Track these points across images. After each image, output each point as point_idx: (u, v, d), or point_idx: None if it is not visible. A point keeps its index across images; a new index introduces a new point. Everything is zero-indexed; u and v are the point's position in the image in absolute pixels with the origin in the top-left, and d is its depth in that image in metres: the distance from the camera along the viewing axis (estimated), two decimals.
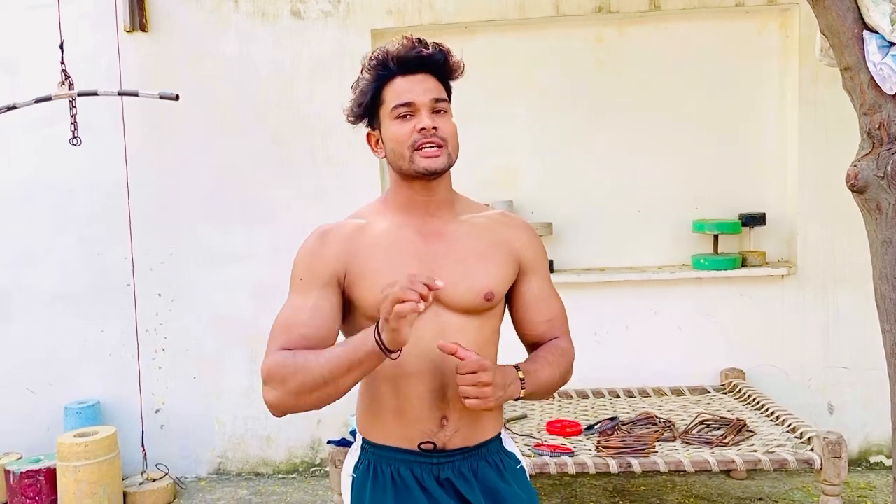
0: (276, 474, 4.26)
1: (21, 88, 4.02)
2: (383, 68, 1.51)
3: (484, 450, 1.57)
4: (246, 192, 4.15)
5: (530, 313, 1.64)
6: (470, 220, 1.62)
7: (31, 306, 4.24)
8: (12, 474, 3.77)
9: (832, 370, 4.00)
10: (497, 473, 1.57)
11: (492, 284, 1.54)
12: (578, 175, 4.11)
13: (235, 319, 4.17)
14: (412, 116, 1.50)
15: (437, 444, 1.52)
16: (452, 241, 1.56)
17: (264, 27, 4.09)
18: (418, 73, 1.51)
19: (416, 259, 1.51)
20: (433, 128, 1.49)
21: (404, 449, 1.53)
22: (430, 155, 1.49)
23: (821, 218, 3.93)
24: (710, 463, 2.93)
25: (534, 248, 1.65)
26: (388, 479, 1.53)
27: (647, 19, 4.03)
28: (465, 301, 1.52)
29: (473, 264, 1.54)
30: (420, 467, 1.52)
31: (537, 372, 1.54)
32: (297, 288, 1.55)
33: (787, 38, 4.00)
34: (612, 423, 3.38)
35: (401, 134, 1.50)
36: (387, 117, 1.53)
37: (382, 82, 1.52)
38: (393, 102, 1.51)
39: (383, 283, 1.39)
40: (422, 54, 1.51)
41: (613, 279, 4.00)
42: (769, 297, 4.01)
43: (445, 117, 1.53)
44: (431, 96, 1.51)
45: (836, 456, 2.87)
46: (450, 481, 1.52)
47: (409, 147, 1.49)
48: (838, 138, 3.82)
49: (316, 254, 1.54)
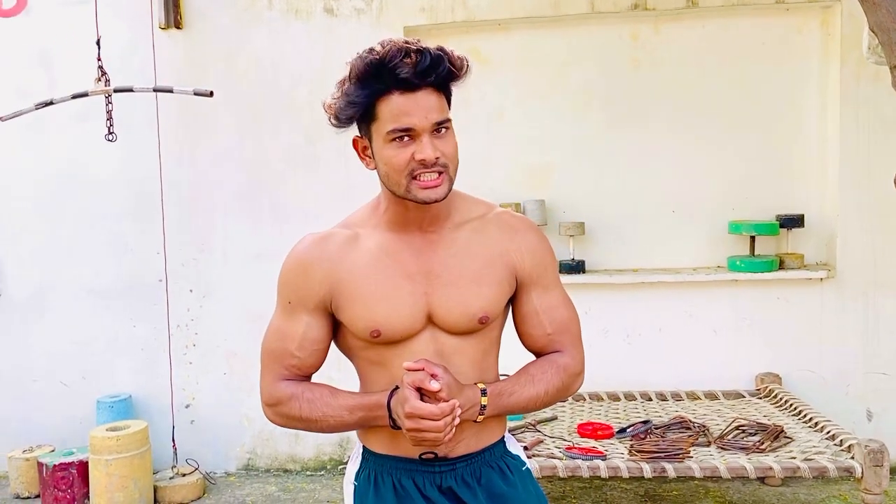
0: (305, 471, 4.26)
1: (57, 84, 4.08)
2: (378, 81, 1.34)
3: (487, 454, 1.54)
4: (277, 188, 4.15)
5: (529, 326, 1.55)
6: (466, 231, 1.50)
7: (66, 301, 4.28)
8: (45, 467, 3.81)
9: (871, 376, 3.91)
10: (502, 477, 1.54)
11: (486, 308, 1.47)
12: (612, 174, 4.06)
13: (266, 316, 4.13)
14: (411, 141, 1.35)
15: (438, 453, 1.48)
16: (446, 260, 1.47)
17: (297, 24, 4.09)
18: (418, 90, 1.34)
19: (408, 279, 1.45)
20: (436, 158, 1.35)
21: (406, 458, 1.50)
22: (430, 185, 1.36)
23: (861, 220, 3.84)
24: (748, 470, 2.86)
25: (534, 254, 1.53)
26: (389, 487, 1.51)
27: (683, 17, 3.97)
28: (460, 325, 1.47)
29: (467, 287, 1.46)
30: (422, 476, 1.50)
31: (512, 395, 1.48)
32: (285, 310, 1.53)
33: (829, 37, 3.91)
34: (645, 426, 3.33)
35: (397, 162, 1.36)
36: (380, 136, 1.37)
37: (375, 97, 1.35)
38: (390, 125, 1.34)
39: (373, 307, 1.44)
40: (425, 73, 1.33)
41: (647, 280, 3.94)
42: (807, 300, 3.92)
43: (447, 137, 1.38)
44: (434, 119, 1.35)
45: (878, 464, 2.79)
46: (452, 490, 1.50)
47: (406, 175, 1.36)
48: (880, 138, 3.74)
49: (301, 277, 1.50)
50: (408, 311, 1.44)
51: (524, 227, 1.55)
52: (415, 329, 1.46)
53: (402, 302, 1.44)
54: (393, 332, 1.44)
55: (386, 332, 1.44)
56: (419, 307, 1.45)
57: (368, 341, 1.46)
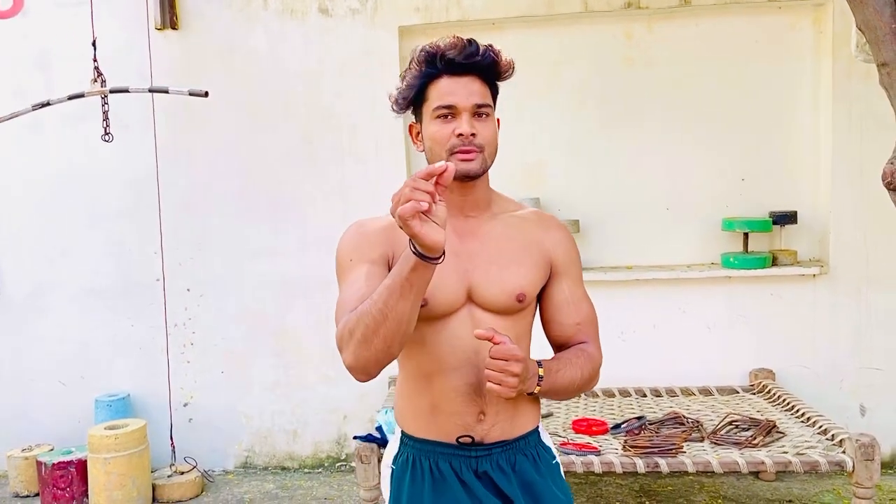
0: (303, 469, 4.29)
1: (54, 85, 4.10)
2: (430, 66, 1.51)
3: (522, 442, 1.59)
4: (274, 187, 4.18)
5: (560, 315, 1.63)
6: (504, 220, 1.62)
7: (64, 300, 4.31)
8: (44, 465, 3.83)
9: (864, 371, 3.94)
10: (533, 466, 1.60)
11: (524, 285, 1.56)
12: (606, 172, 4.08)
13: (263, 314, 4.21)
14: (453, 118, 1.50)
15: (475, 437, 1.54)
16: (486, 242, 1.58)
17: (293, 25, 4.11)
18: (465, 76, 1.51)
19: (453, 256, 1.52)
20: (472, 134, 1.49)
21: (443, 442, 1.55)
22: (465, 159, 1.49)
23: (854, 216, 3.86)
24: (740, 464, 2.89)
25: (566, 249, 1.65)
26: (426, 471, 1.56)
27: (676, 15, 3.99)
28: (498, 302, 1.54)
29: (506, 266, 1.56)
30: (458, 460, 1.55)
31: (559, 372, 1.53)
32: (347, 269, 1.54)
33: (821, 34, 3.93)
34: (639, 422, 3.36)
35: (440, 136, 1.50)
36: (428, 115, 1.53)
37: (428, 79, 1.52)
38: (435, 103, 1.51)
39: None
40: (470, 57, 1.50)
41: (641, 277, 3.97)
42: (800, 296, 3.95)
43: (486, 122, 1.53)
44: (474, 101, 1.50)
45: (869, 458, 2.82)
46: (487, 474, 1.55)
47: (446, 150, 1.50)
48: (872, 135, 3.76)
49: (361, 237, 1.56)
50: (452, 285, 1.52)
51: (556, 225, 1.68)
52: (457, 303, 1.53)
53: (447, 275, 1.50)
54: (437, 304, 1.50)
55: (431, 303, 1.49)
56: (461, 283, 1.54)
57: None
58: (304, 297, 4.18)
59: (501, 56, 1.55)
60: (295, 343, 4.22)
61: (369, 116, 4.08)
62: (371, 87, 4.05)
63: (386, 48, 4.05)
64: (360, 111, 4.09)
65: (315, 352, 4.19)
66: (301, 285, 4.17)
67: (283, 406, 4.25)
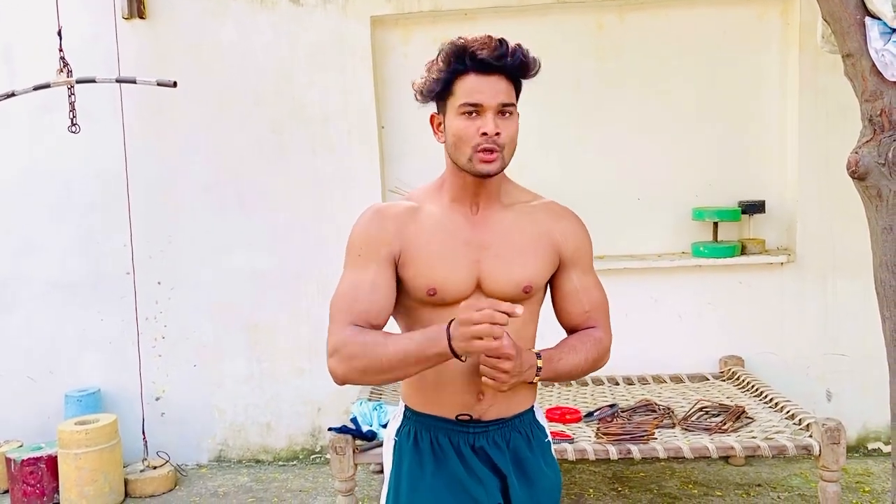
0: (277, 461, 4.27)
1: (18, 75, 4.02)
2: (459, 61, 1.53)
3: (517, 420, 1.68)
4: (244, 179, 4.14)
5: (568, 304, 1.71)
6: (516, 210, 1.67)
7: (31, 295, 4.24)
8: (13, 462, 3.78)
9: (831, 357, 4.01)
10: (526, 443, 1.68)
11: (530, 277, 1.63)
12: (577, 162, 4.10)
13: (235, 307, 4.17)
14: (478, 116, 1.54)
15: (473, 415, 1.63)
16: (497, 232, 1.63)
17: (263, 14, 4.06)
18: (492, 74, 1.54)
19: (464, 246, 1.61)
20: (496, 133, 1.53)
21: (443, 418, 1.65)
22: (486, 160, 1.54)
23: (820, 206, 3.93)
24: (710, 449, 2.94)
25: (576, 239, 1.71)
26: (427, 443, 1.66)
27: (647, 6, 4.02)
28: (505, 292, 1.60)
29: (515, 257, 1.62)
30: (457, 435, 1.64)
31: (560, 360, 1.62)
32: (356, 263, 1.62)
33: (788, 25, 3.98)
34: (612, 410, 3.39)
35: (465, 133, 1.54)
36: (453, 110, 1.56)
37: (456, 74, 1.55)
38: (462, 99, 1.54)
39: (433, 267, 1.57)
40: (500, 58, 1.53)
41: (613, 267, 3.99)
42: (768, 284, 4.01)
43: (510, 120, 1.56)
44: (500, 100, 1.54)
45: (835, 442, 2.88)
46: (483, 449, 1.64)
47: (471, 147, 1.54)
48: (838, 126, 3.81)
49: (374, 230, 1.61)
50: (462, 274, 1.59)
51: (568, 215, 1.74)
52: (466, 292, 1.59)
53: (457, 265, 1.59)
54: (446, 293, 1.58)
55: (441, 292, 1.58)
56: (471, 272, 1.60)
57: (424, 301, 1.60)
58: (276, 289, 4.15)
59: (528, 54, 1.58)
60: (268, 336, 4.19)
61: (341, 107, 4.06)
62: (343, 77, 4.03)
63: (358, 38, 4.02)
64: (331, 102, 4.06)
65: (288, 344, 4.17)
66: (273, 277, 4.14)
67: (257, 399, 4.23)
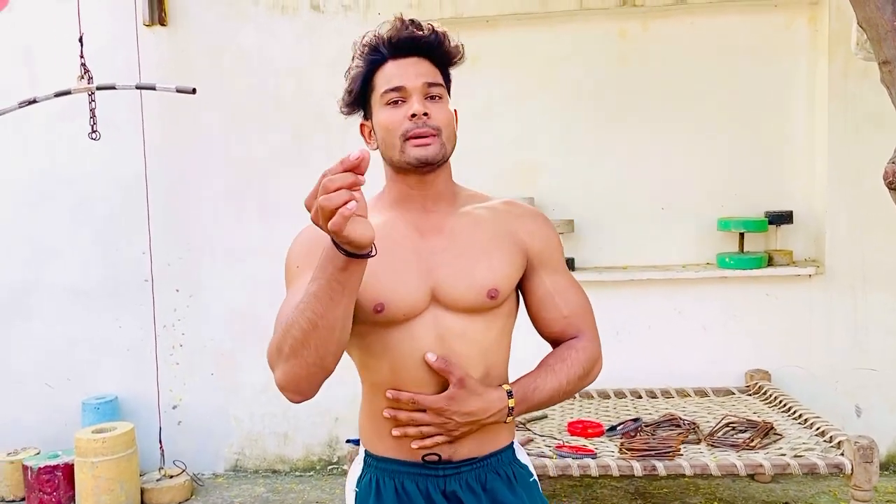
0: (294, 472, 4.23)
1: (39, 81, 4.03)
2: (374, 52, 1.41)
3: (494, 460, 1.47)
4: (264, 186, 4.12)
5: (544, 310, 1.50)
6: (471, 212, 1.48)
7: (50, 302, 4.23)
8: (30, 470, 3.77)
9: (860, 372, 3.92)
10: (507, 486, 1.47)
11: (496, 280, 1.41)
12: (601, 171, 4.04)
13: (253, 315, 4.14)
14: (403, 102, 1.39)
15: (442, 455, 1.42)
16: (452, 237, 1.44)
17: (283, 21, 4.05)
18: (411, 57, 1.41)
19: (414, 255, 1.41)
20: (424, 114, 1.36)
21: (408, 461, 1.43)
22: (420, 144, 1.37)
23: (850, 216, 3.84)
24: (738, 467, 2.85)
25: (543, 237, 1.50)
26: (391, 492, 1.44)
27: (672, 13, 3.96)
28: (467, 300, 1.40)
29: (475, 259, 1.41)
30: (425, 480, 1.43)
31: (536, 390, 1.43)
32: (294, 276, 1.42)
33: (817, 33, 3.91)
34: (635, 424, 3.32)
35: (391, 122, 1.38)
36: (377, 104, 1.41)
37: (374, 67, 1.42)
38: (383, 87, 1.39)
39: (378, 280, 1.33)
40: (413, 36, 1.41)
41: (636, 278, 3.93)
42: (796, 296, 3.92)
43: (440, 104, 1.40)
44: (424, 80, 1.39)
45: (868, 461, 2.79)
46: (456, 494, 1.43)
47: (399, 136, 1.38)
48: (868, 135, 3.74)
49: (311, 244, 1.38)
50: (412, 286, 1.39)
51: (530, 212, 1.55)
52: (419, 306, 1.39)
53: (407, 276, 1.39)
54: (396, 308, 1.37)
55: (389, 307, 1.37)
56: (424, 282, 1.40)
57: (373, 322, 1.38)
58: None
59: (448, 37, 1.44)
60: None
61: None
62: None
63: None
64: None
65: None
66: None
67: (274, 408, 4.19)
